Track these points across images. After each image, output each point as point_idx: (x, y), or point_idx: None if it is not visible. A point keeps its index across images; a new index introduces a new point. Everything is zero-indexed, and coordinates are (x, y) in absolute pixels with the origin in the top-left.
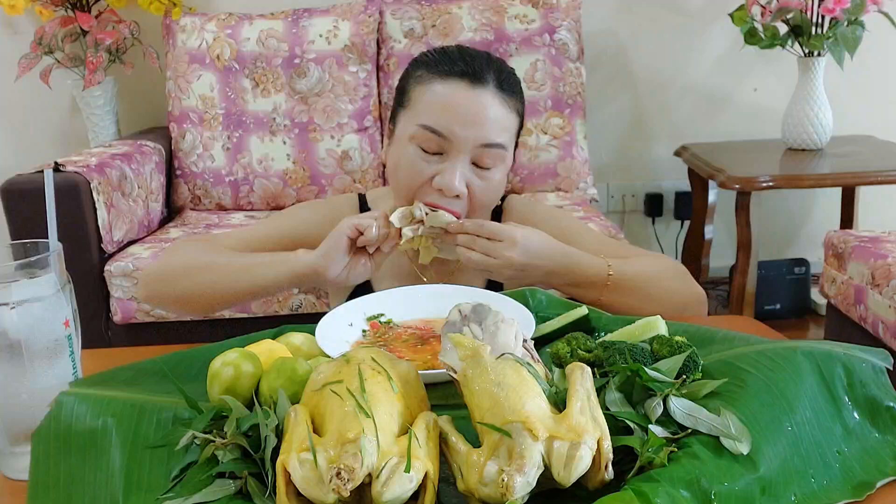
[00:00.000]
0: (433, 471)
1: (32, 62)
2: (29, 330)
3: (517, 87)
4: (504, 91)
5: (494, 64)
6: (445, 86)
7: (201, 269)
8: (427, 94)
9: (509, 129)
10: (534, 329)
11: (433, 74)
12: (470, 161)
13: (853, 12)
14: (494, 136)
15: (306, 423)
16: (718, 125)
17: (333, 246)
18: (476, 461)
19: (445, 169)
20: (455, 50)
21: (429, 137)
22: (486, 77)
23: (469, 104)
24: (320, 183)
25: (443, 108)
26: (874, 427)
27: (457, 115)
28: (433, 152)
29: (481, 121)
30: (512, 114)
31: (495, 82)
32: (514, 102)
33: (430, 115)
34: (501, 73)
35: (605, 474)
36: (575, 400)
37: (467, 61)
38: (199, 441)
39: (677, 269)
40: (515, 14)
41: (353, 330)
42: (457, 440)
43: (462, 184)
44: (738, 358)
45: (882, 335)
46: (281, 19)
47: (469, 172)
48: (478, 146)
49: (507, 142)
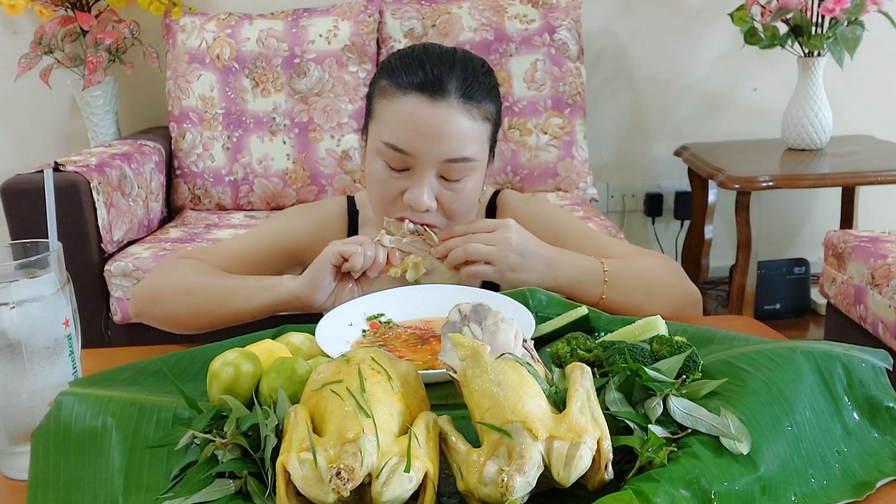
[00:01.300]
0: (433, 471)
1: (32, 62)
2: (29, 330)
3: (486, 89)
4: (470, 100)
5: (459, 67)
6: (405, 101)
7: (188, 291)
8: (388, 110)
9: (477, 140)
10: (534, 329)
11: (394, 87)
12: (437, 175)
13: (853, 12)
14: (459, 151)
15: (306, 423)
16: (718, 125)
17: (318, 274)
18: (476, 461)
19: (413, 185)
20: (418, 54)
21: (393, 155)
22: (447, 88)
23: (430, 120)
24: (320, 183)
25: (403, 126)
26: (874, 427)
27: (417, 132)
28: (399, 168)
29: (444, 136)
30: (478, 122)
31: (458, 92)
32: (483, 109)
33: (391, 133)
34: (466, 78)
35: (605, 474)
36: (575, 400)
37: (427, 71)
38: (199, 441)
39: (673, 268)
40: (515, 14)
41: (353, 330)
42: (456, 440)
43: (431, 198)
44: (738, 358)
45: (882, 335)
46: (281, 19)
47: (438, 185)
48: (442, 161)
49: (476, 153)
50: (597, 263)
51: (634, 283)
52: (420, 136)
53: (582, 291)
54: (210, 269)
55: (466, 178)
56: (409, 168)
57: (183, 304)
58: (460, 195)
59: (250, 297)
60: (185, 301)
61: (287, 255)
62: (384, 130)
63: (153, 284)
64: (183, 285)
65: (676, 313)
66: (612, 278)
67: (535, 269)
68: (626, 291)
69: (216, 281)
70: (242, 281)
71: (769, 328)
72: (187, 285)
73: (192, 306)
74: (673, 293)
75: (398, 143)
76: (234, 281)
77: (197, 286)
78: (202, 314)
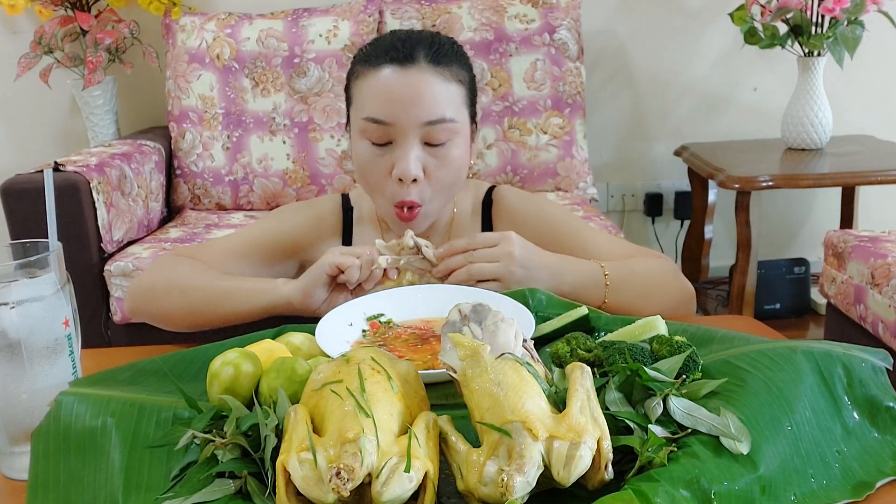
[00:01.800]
0: (433, 471)
1: (32, 62)
2: (29, 330)
3: (455, 55)
4: (439, 64)
5: (426, 40)
6: (378, 75)
7: (183, 290)
8: (364, 88)
9: (453, 101)
10: (534, 329)
11: (367, 67)
12: (421, 142)
13: (853, 12)
14: (437, 112)
15: (306, 423)
16: (718, 125)
17: (312, 282)
18: (476, 461)
19: (398, 157)
20: (386, 37)
21: (373, 128)
22: (415, 55)
23: (401, 86)
24: (320, 183)
25: (379, 97)
26: (873, 427)
27: (392, 99)
28: (382, 143)
29: (418, 99)
30: (452, 84)
31: (427, 57)
32: (453, 72)
33: (369, 107)
34: (433, 45)
35: (605, 474)
36: (574, 400)
37: (396, 46)
38: (198, 441)
39: (670, 267)
40: (515, 14)
41: (353, 330)
42: (456, 440)
43: (418, 167)
44: (738, 357)
45: (882, 335)
46: (281, 19)
47: (423, 154)
48: (422, 125)
49: (454, 114)
50: (598, 268)
51: (634, 286)
52: (396, 104)
53: (585, 297)
54: (205, 269)
55: (451, 143)
56: (391, 141)
57: (177, 304)
58: (446, 161)
59: (244, 300)
60: (180, 300)
61: (281, 252)
62: (363, 108)
63: (148, 282)
64: (178, 284)
65: (673, 312)
66: (613, 282)
67: (539, 279)
68: (627, 294)
69: (211, 281)
70: (237, 282)
71: (769, 328)
72: (182, 284)
73: (187, 306)
74: (670, 292)
75: (376, 115)
76: (229, 282)
77: (192, 286)
78: (196, 314)
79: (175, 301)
